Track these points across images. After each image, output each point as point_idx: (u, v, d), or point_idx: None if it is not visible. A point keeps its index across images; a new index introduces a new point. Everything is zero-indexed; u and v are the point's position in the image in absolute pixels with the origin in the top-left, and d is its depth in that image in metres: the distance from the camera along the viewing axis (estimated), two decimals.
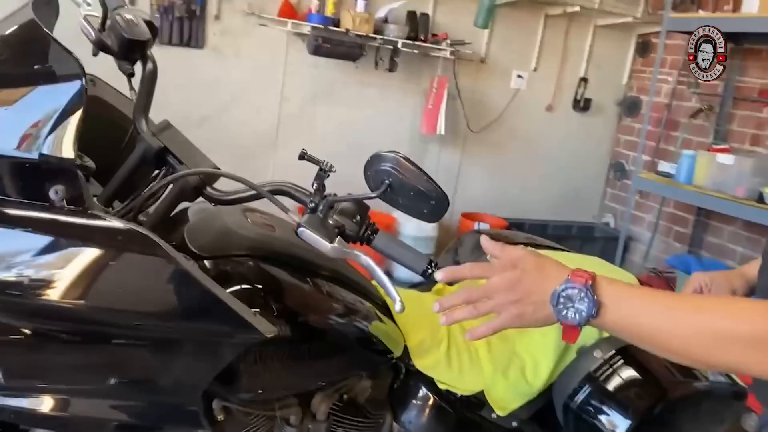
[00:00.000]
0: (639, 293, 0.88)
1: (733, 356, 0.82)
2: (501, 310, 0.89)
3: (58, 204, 0.83)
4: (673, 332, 0.84)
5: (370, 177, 1.06)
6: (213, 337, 0.94)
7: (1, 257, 0.81)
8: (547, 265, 0.90)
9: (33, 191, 0.83)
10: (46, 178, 0.83)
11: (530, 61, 4.36)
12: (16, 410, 0.96)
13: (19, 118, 0.88)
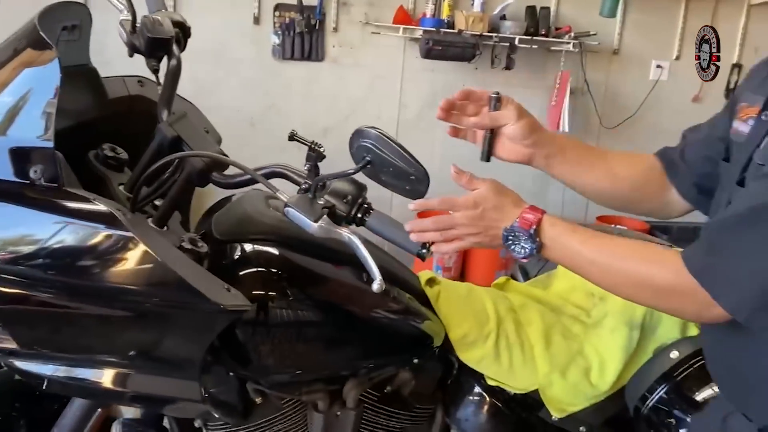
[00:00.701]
0: (578, 237, 1.03)
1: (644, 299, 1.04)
2: (463, 238, 1.05)
3: (38, 183, 0.91)
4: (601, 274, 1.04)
5: (354, 154, 1.04)
6: (184, 311, 0.97)
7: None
8: (505, 205, 1.06)
9: (18, 171, 0.92)
10: (27, 160, 0.91)
11: (671, 49, 4.01)
12: (39, 376, 1.07)
13: (3, 105, 0.97)
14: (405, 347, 1.37)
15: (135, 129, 1.31)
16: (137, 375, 1.07)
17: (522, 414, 1.48)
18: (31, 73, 0.94)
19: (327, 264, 1.27)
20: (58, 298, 0.95)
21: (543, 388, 1.43)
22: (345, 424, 1.34)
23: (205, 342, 1.02)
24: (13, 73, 0.96)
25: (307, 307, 1.21)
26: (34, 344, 1.01)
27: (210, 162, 1.12)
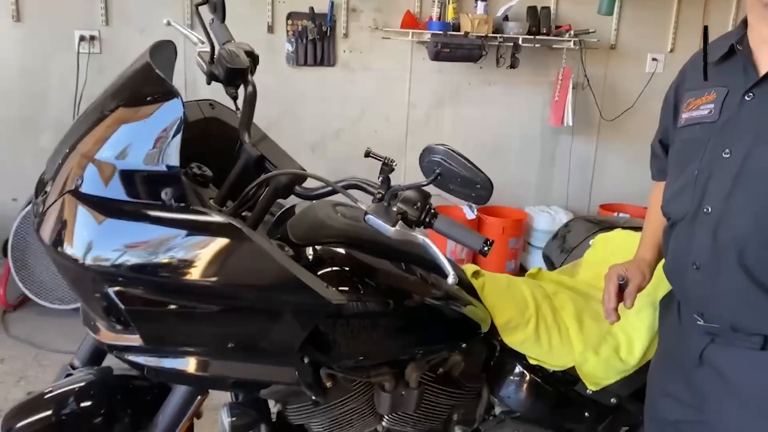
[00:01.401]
0: None
1: None
2: None
3: (168, 203, 1.08)
4: None
5: (424, 167, 1.20)
6: (294, 306, 1.14)
7: (129, 244, 1.08)
8: None
9: (150, 194, 1.09)
10: (158, 184, 1.08)
11: (666, 43, 4.20)
12: (155, 369, 1.23)
13: (137, 141, 1.14)
14: (456, 333, 1.54)
15: (211, 148, 1.47)
16: (240, 363, 1.24)
17: (560, 389, 1.65)
18: (159, 111, 1.10)
19: (389, 262, 1.44)
20: (187, 300, 1.11)
21: (579, 364, 1.61)
22: (409, 401, 1.52)
23: (304, 332, 1.19)
24: (141, 111, 1.12)
25: (375, 300, 1.37)
26: (157, 340, 1.17)
27: (294, 177, 1.29)
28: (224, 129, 1.53)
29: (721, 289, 1.20)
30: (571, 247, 2.04)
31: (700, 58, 1.29)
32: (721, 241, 1.19)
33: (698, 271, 1.23)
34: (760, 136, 1.16)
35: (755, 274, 1.17)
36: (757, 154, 1.16)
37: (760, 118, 1.17)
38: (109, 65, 3.54)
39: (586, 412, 1.69)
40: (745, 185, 1.17)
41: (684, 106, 1.32)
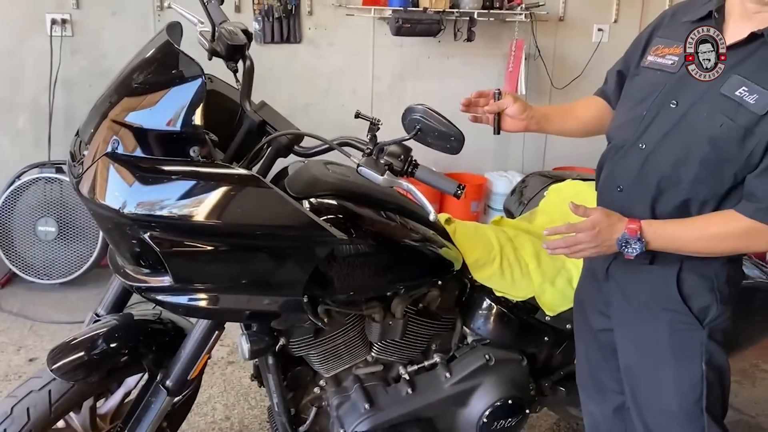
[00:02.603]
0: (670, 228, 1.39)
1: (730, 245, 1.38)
2: (585, 251, 1.42)
3: (196, 159, 1.28)
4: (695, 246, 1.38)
5: (406, 125, 1.43)
6: (303, 241, 1.37)
7: (167, 196, 1.28)
8: (614, 222, 1.39)
9: (178, 153, 1.29)
10: (186, 143, 1.28)
11: (610, 14, 4.48)
12: (182, 305, 1.44)
13: (165, 107, 1.34)
14: (433, 271, 1.78)
15: (212, 117, 1.67)
16: (255, 297, 1.46)
17: (523, 317, 1.92)
18: (184, 81, 1.30)
19: (374, 210, 1.67)
20: (215, 241, 1.32)
21: (538, 295, 1.87)
22: (395, 330, 1.76)
23: (310, 267, 1.42)
24: (168, 81, 1.32)
25: (364, 242, 1.59)
26: (187, 279, 1.38)
27: (293, 137, 1.50)
28: (223, 100, 1.73)
29: (630, 211, 1.44)
30: (527, 198, 2.31)
31: (682, 11, 1.47)
32: (644, 173, 1.44)
33: (620, 193, 1.49)
34: (707, 97, 1.34)
35: (656, 206, 1.43)
36: (698, 111, 1.35)
37: (713, 82, 1.33)
38: (82, 48, 3.64)
39: (545, 337, 1.97)
40: (677, 134, 1.38)
41: (653, 49, 1.49)
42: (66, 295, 3.40)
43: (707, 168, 1.35)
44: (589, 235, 1.39)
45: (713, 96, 1.33)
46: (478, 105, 1.65)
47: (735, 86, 1.30)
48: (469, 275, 1.85)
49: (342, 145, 1.49)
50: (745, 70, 1.30)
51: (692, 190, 1.38)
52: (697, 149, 1.35)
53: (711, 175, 1.35)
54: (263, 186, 1.31)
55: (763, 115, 1.26)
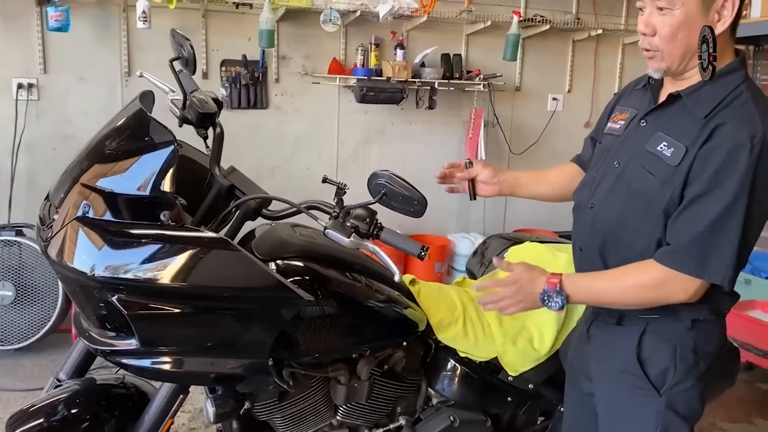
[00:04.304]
0: (587, 280, 1.45)
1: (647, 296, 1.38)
2: (511, 306, 1.47)
3: (166, 223, 1.31)
4: (612, 297, 1.42)
5: (371, 189, 1.49)
6: (270, 303, 1.39)
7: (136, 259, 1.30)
8: (535, 276, 1.44)
9: (148, 217, 1.32)
10: (157, 207, 1.32)
11: (564, 84, 4.72)
12: (147, 368, 1.43)
13: (136, 173, 1.38)
14: (398, 332, 1.81)
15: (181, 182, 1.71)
16: (221, 360, 1.46)
17: (486, 377, 1.95)
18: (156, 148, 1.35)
19: (340, 272, 1.70)
20: (183, 303, 1.34)
21: (500, 355, 1.91)
22: (361, 392, 1.77)
23: (277, 327, 1.44)
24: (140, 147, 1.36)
25: (331, 304, 1.62)
26: (153, 342, 1.38)
27: (262, 201, 1.55)
28: (192, 165, 1.77)
29: (589, 269, 1.50)
30: (489, 260, 2.37)
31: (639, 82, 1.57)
32: (594, 231, 1.50)
33: (581, 253, 1.56)
34: (637, 155, 1.42)
35: (606, 262, 1.48)
36: (630, 168, 1.43)
37: (642, 141, 1.42)
38: (47, 112, 3.65)
39: (509, 397, 1.99)
40: (617, 190, 1.46)
41: (611, 117, 1.59)
42: (21, 361, 3.30)
43: (640, 220, 1.41)
44: (512, 289, 1.44)
45: (641, 153, 1.42)
46: (453, 176, 1.75)
47: (657, 142, 1.39)
48: (434, 336, 1.88)
49: (309, 209, 1.54)
50: (666, 128, 1.39)
51: (631, 243, 1.43)
52: (632, 203, 1.42)
53: (644, 226, 1.40)
54: (231, 248, 1.35)
55: (676, 165, 1.34)
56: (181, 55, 1.63)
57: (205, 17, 3.84)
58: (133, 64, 3.74)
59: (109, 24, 3.69)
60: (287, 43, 4.03)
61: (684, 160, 1.33)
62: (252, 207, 1.55)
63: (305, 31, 4.02)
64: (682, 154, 1.34)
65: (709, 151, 1.30)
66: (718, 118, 1.32)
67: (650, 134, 1.41)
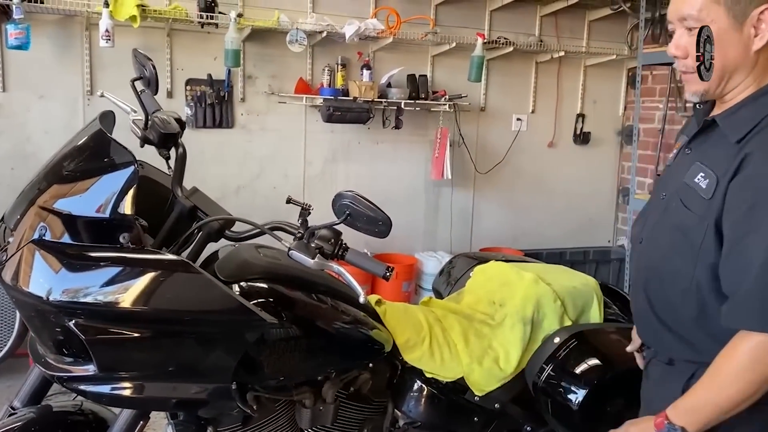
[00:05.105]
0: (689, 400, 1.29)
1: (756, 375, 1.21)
2: None
3: (126, 245, 1.29)
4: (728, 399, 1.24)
5: (336, 210, 1.48)
6: (233, 326, 1.37)
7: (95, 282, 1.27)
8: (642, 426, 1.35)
9: (107, 239, 1.29)
10: (116, 230, 1.29)
11: (527, 105, 4.79)
12: (106, 395, 1.40)
13: (95, 194, 1.35)
14: (364, 353, 1.79)
15: (142, 203, 1.68)
16: (182, 384, 1.43)
17: (453, 397, 1.94)
18: (116, 169, 1.32)
19: (305, 293, 1.69)
20: (143, 327, 1.31)
21: (466, 375, 1.91)
22: (326, 415, 1.75)
23: (240, 351, 1.42)
24: (99, 169, 1.33)
25: (295, 326, 1.60)
26: (112, 367, 1.35)
27: (225, 222, 1.53)
28: (154, 186, 1.75)
29: (636, 308, 1.44)
30: (455, 279, 2.38)
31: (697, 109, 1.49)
32: (639, 268, 1.44)
33: (632, 290, 1.49)
34: (678, 187, 1.35)
35: (651, 300, 1.39)
36: (672, 201, 1.36)
37: (682, 171, 1.35)
38: (7, 130, 3.57)
39: (475, 417, 1.99)
40: (661, 225, 1.39)
41: None
42: None
43: (681, 257, 1.32)
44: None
45: (680, 185, 1.35)
46: None
47: (695, 173, 1.31)
48: (400, 357, 1.88)
49: (273, 230, 1.53)
50: (704, 156, 1.33)
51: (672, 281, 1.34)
52: (672, 239, 1.35)
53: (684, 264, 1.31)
54: (192, 271, 1.32)
55: (710, 198, 1.26)
56: (143, 75, 1.61)
57: (169, 36, 3.81)
58: (96, 83, 3.70)
59: (71, 42, 3.64)
60: (253, 62, 4.02)
61: (717, 192, 1.25)
62: (215, 228, 1.53)
63: (271, 51, 4.02)
64: (714, 186, 1.26)
65: (739, 184, 1.22)
66: (749, 145, 1.24)
67: (690, 164, 1.34)
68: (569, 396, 1.86)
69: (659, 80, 4.72)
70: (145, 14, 3.53)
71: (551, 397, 1.89)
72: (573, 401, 1.84)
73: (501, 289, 2.07)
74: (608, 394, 1.86)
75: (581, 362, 1.89)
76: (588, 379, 1.85)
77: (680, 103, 4.54)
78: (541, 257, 4.57)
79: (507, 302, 2.01)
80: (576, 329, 1.96)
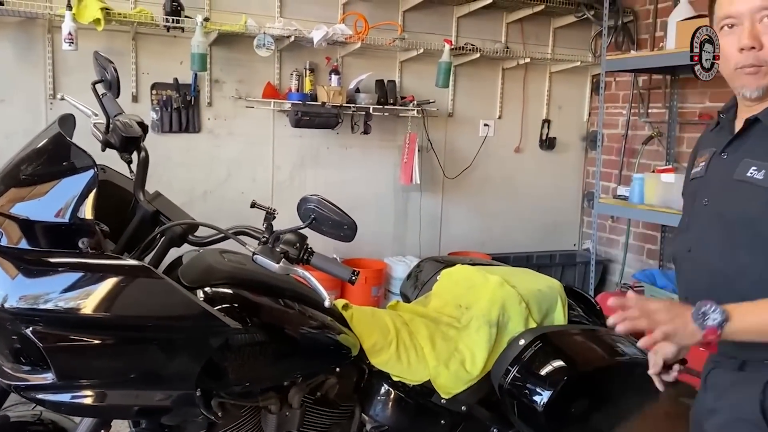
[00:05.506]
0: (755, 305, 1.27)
1: None
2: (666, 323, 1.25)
3: (85, 251, 1.27)
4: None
5: (301, 214, 1.48)
6: (196, 332, 1.35)
7: (53, 288, 1.24)
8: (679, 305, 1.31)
9: (67, 244, 1.27)
10: (75, 235, 1.27)
11: (494, 110, 4.84)
12: (65, 403, 1.37)
13: (54, 199, 1.33)
14: (331, 358, 1.79)
15: (104, 208, 1.65)
16: (145, 392, 1.41)
17: (420, 400, 1.95)
18: (75, 173, 1.30)
19: (271, 298, 1.68)
20: (103, 334, 1.28)
21: (433, 378, 1.92)
22: (293, 421, 1.74)
23: (204, 357, 1.40)
24: (58, 173, 1.31)
25: (260, 331, 1.59)
26: (71, 375, 1.32)
27: (188, 227, 1.51)
28: (116, 190, 1.72)
29: None
30: (422, 283, 2.39)
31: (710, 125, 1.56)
32: (697, 276, 1.42)
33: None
34: (726, 187, 1.38)
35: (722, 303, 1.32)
36: (722, 202, 1.38)
37: (728, 172, 1.38)
38: None
39: (442, 420, 2.00)
40: (714, 229, 1.39)
41: (694, 164, 1.55)
42: None
43: (747, 251, 1.33)
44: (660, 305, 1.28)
45: (730, 184, 1.37)
46: None
47: (746, 169, 1.34)
48: (367, 361, 1.87)
49: (237, 234, 1.52)
50: (752, 153, 1.36)
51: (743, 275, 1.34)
52: (733, 236, 1.36)
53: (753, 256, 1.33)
54: (154, 276, 1.31)
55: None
56: (104, 78, 1.59)
57: (135, 40, 3.77)
58: (60, 87, 3.63)
59: (33, 45, 3.58)
60: (220, 66, 3.99)
61: None
62: (177, 233, 1.51)
63: (239, 56, 4.00)
64: None
65: None
66: None
67: (736, 163, 1.38)
68: (534, 397, 1.87)
69: (622, 87, 4.81)
70: (109, 17, 3.48)
71: (517, 398, 1.91)
72: (538, 402, 1.86)
73: (467, 292, 2.08)
74: (573, 395, 1.89)
75: (546, 364, 1.91)
76: (553, 380, 1.88)
77: (642, 109, 4.63)
78: (508, 261, 4.63)
79: (473, 305, 2.03)
80: (541, 331, 1.98)
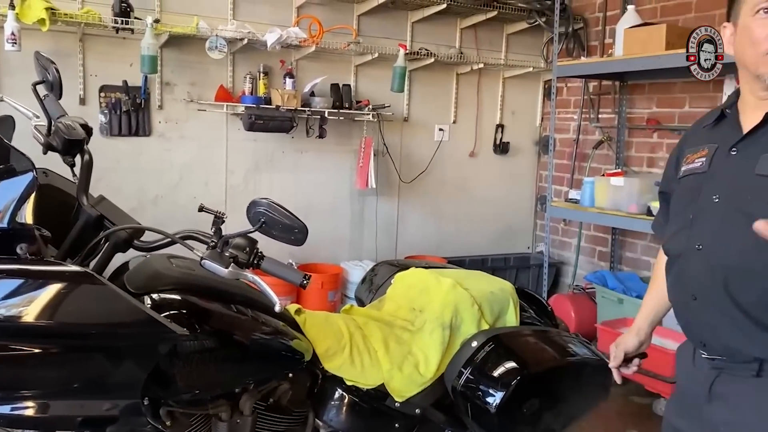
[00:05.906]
0: None
1: None
2: None
3: (24, 256, 1.22)
4: None
5: (251, 218, 1.46)
6: (142, 340, 1.32)
7: None
8: None
9: (4, 250, 1.22)
10: (13, 240, 1.22)
11: (449, 115, 4.88)
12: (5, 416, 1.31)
13: None
14: (283, 364, 1.77)
15: (46, 212, 1.60)
16: (88, 402, 1.37)
17: (374, 404, 1.94)
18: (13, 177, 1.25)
19: (221, 304, 1.65)
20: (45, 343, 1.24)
21: (387, 381, 1.91)
22: (244, 428, 1.71)
23: (150, 364, 1.36)
24: None
25: (210, 337, 1.56)
26: (9, 387, 1.27)
27: (133, 232, 1.48)
28: (59, 194, 1.67)
29: (714, 316, 1.37)
30: (376, 287, 2.38)
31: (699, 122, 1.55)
32: (712, 272, 1.37)
33: (696, 302, 1.42)
34: (745, 183, 1.34)
35: (739, 300, 1.33)
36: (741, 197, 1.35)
37: (745, 167, 1.35)
38: None
39: (396, 424, 1.99)
40: (731, 224, 1.35)
41: (684, 161, 1.52)
42: None
43: None
44: None
45: (750, 180, 1.34)
46: None
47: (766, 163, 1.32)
48: (320, 366, 1.86)
49: (185, 239, 1.49)
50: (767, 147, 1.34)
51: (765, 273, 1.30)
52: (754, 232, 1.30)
53: None
54: (96, 282, 1.27)
55: None
56: (45, 79, 1.55)
57: (82, 41, 3.67)
58: (1, 88, 3.51)
59: None
60: (171, 69, 3.92)
61: None
62: (122, 238, 1.47)
63: (190, 58, 3.94)
64: None
65: None
66: None
67: (754, 159, 1.34)
68: (487, 398, 1.89)
69: (573, 92, 4.92)
70: (55, 18, 3.39)
71: (470, 400, 1.92)
72: (491, 403, 1.87)
73: (421, 295, 2.09)
74: (525, 395, 1.91)
75: (498, 365, 1.93)
76: (505, 381, 1.89)
77: (593, 114, 4.74)
78: (464, 264, 4.66)
79: (426, 308, 2.03)
80: (493, 333, 2.00)
